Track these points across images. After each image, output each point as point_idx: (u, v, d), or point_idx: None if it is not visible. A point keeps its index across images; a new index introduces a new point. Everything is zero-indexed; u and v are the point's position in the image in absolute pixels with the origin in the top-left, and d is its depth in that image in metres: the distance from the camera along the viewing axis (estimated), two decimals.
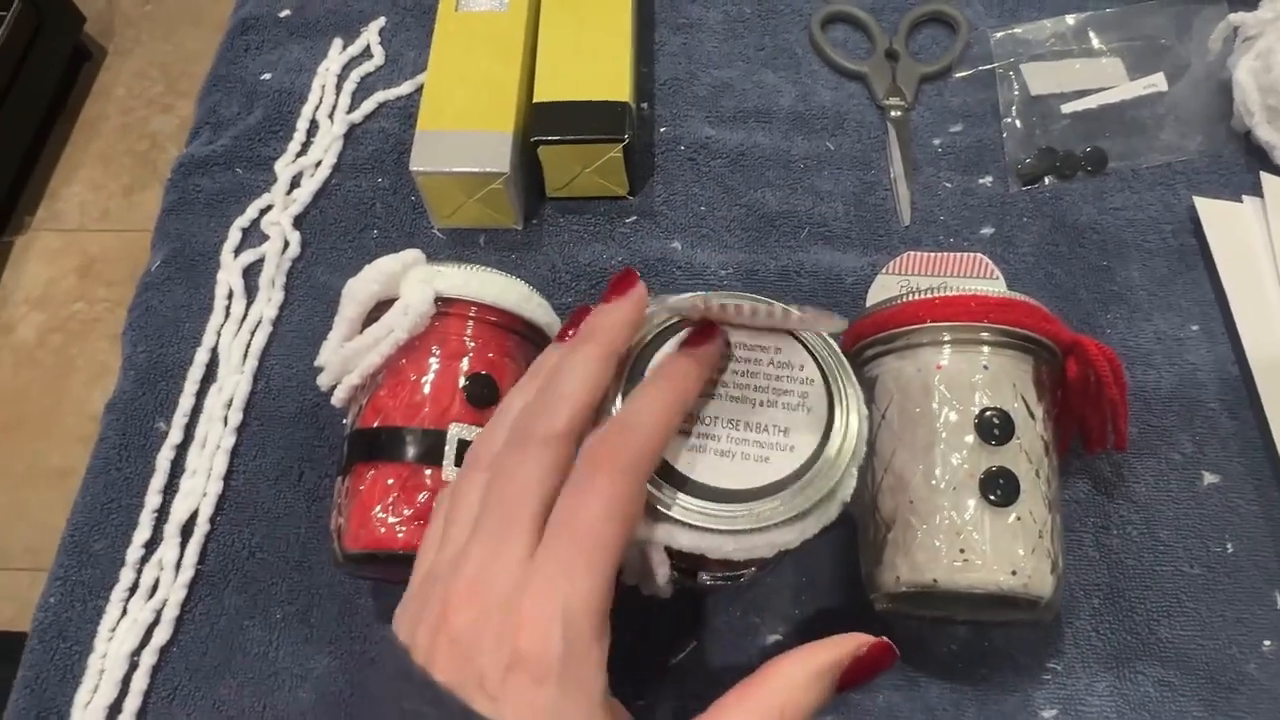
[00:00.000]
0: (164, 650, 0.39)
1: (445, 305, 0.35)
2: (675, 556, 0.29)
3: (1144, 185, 0.48)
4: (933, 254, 0.45)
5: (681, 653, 0.38)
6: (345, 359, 0.34)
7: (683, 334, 0.31)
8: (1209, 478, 0.41)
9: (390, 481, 0.33)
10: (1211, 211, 0.46)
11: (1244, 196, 0.47)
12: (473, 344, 0.35)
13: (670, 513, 0.28)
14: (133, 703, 0.37)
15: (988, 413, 0.33)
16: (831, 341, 0.32)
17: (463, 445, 0.33)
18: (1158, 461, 0.41)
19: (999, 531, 0.32)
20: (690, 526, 0.28)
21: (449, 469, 0.33)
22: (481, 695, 0.23)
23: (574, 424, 0.27)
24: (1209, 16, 0.50)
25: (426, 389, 0.34)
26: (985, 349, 0.35)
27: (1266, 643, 0.38)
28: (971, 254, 0.45)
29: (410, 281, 0.34)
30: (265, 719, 0.37)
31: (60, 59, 1.59)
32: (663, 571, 0.30)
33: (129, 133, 1.67)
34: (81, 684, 0.38)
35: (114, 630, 0.39)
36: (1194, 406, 0.42)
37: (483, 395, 0.34)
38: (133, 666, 0.38)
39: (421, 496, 0.33)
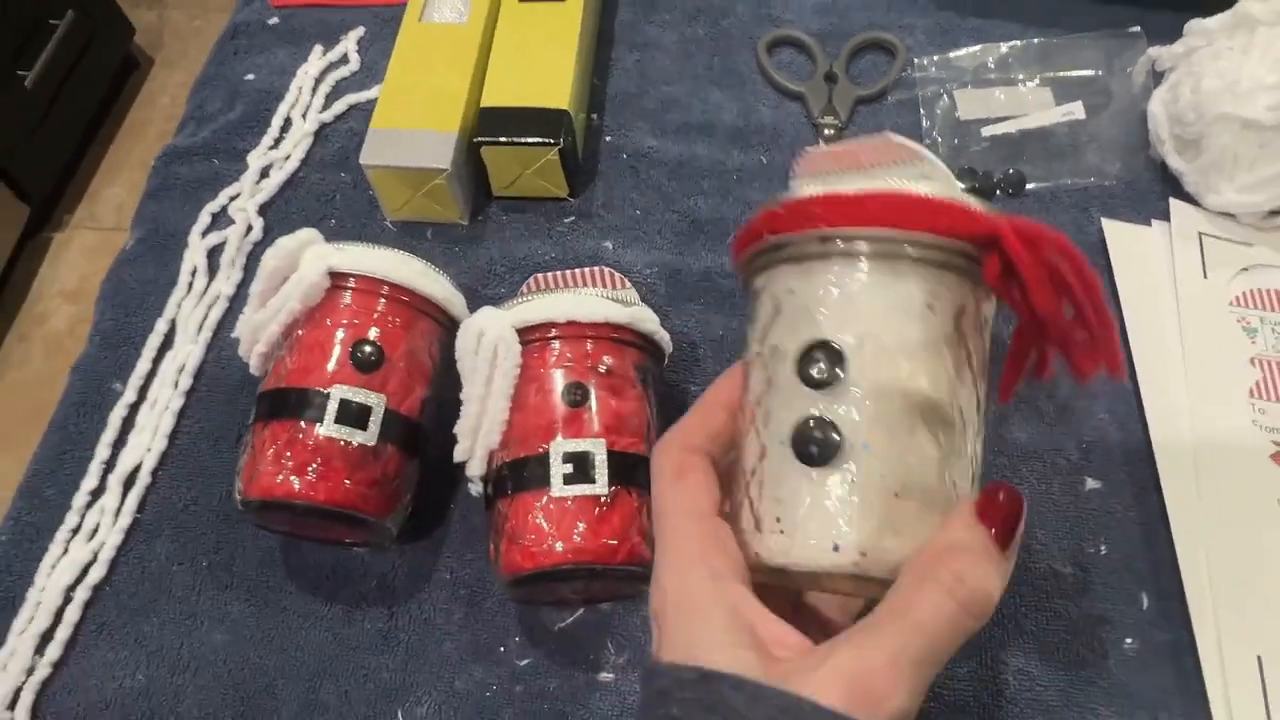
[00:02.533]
0: (97, 588, 0.42)
1: (341, 280, 0.38)
2: None
3: (1060, 207, 0.50)
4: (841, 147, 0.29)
5: (570, 617, 0.41)
6: (254, 329, 0.37)
7: None
8: (1091, 483, 0.42)
9: (279, 437, 0.36)
10: (1117, 233, 0.48)
11: (1153, 220, 0.49)
12: (363, 314, 0.38)
13: None
14: (64, 633, 0.41)
15: (814, 350, 0.26)
16: None
17: (344, 405, 0.36)
18: (1044, 465, 0.43)
19: (816, 499, 0.26)
20: None
21: (329, 425, 0.36)
22: None
23: None
24: (1137, 50, 0.53)
25: (317, 354, 0.37)
26: (835, 264, 0.26)
27: (1129, 640, 0.39)
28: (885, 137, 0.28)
29: (306, 258, 0.37)
30: (181, 654, 0.40)
31: (109, 68, 1.68)
32: None
33: (170, 139, 1.75)
34: (19, 614, 0.41)
35: (54, 567, 0.42)
36: (1085, 417, 0.44)
37: (368, 361, 0.37)
38: (67, 600, 0.41)
39: (304, 450, 0.36)
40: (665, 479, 0.29)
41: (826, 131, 0.53)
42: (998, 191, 0.51)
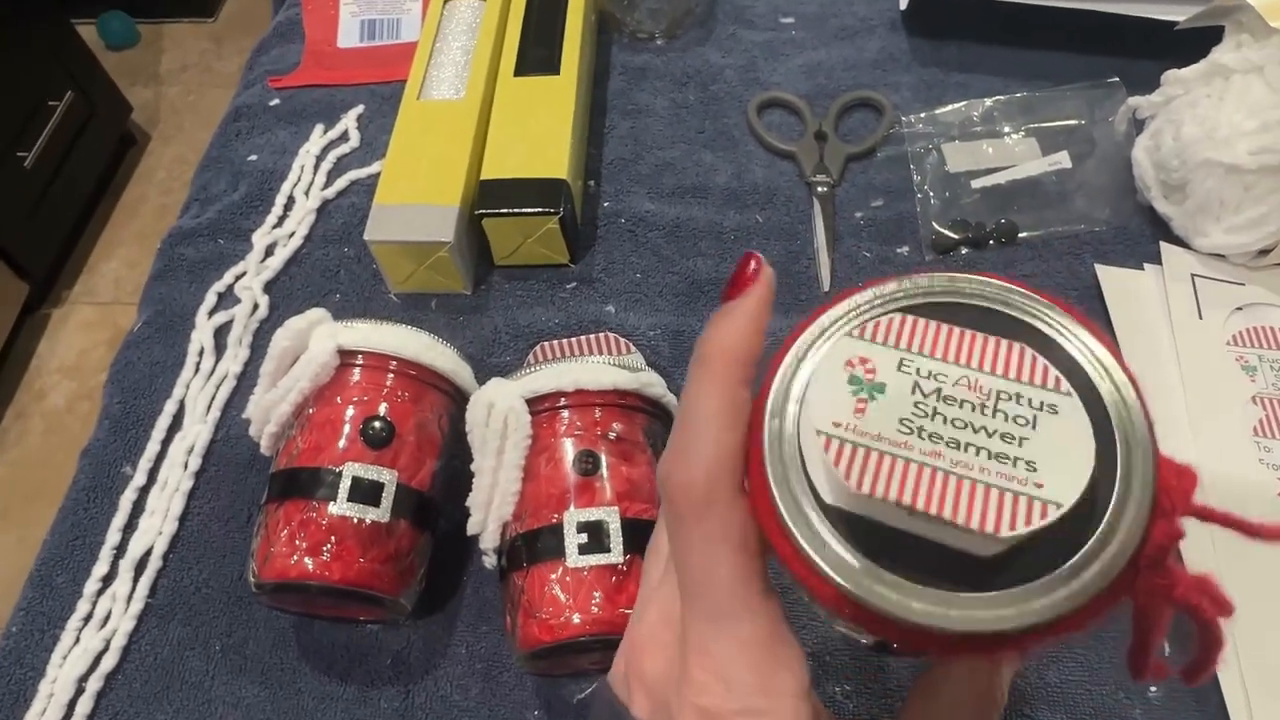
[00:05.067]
0: (110, 677, 0.41)
1: (349, 357, 0.39)
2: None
3: (1053, 254, 0.51)
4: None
5: (589, 688, 0.40)
6: (265, 410, 0.38)
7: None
8: None
9: (292, 518, 0.36)
10: (1111, 278, 0.49)
11: (1145, 264, 0.50)
12: (373, 390, 0.39)
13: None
14: None
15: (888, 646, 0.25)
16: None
17: (356, 482, 0.36)
18: None
19: None
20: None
21: (342, 504, 0.36)
22: None
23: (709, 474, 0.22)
24: (1117, 100, 0.54)
25: (328, 432, 0.37)
26: None
27: (1153, 689, 0.39)
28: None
29: (315, 337, 0.38)
30: None
31: (108, 146, 1.70)
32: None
33: (167, 214, 1.77)
34: (30, 708, 0.41)
35: (66, 657, 0.42)
36: None
37: (379, 437, 0.37)
38: (79, 692, 0.41)
39: (317, 530, 0.36)
40: (712, 540, 0.21)
41: (820, 189, 0.54)
42: (991, 241, 0.51)
